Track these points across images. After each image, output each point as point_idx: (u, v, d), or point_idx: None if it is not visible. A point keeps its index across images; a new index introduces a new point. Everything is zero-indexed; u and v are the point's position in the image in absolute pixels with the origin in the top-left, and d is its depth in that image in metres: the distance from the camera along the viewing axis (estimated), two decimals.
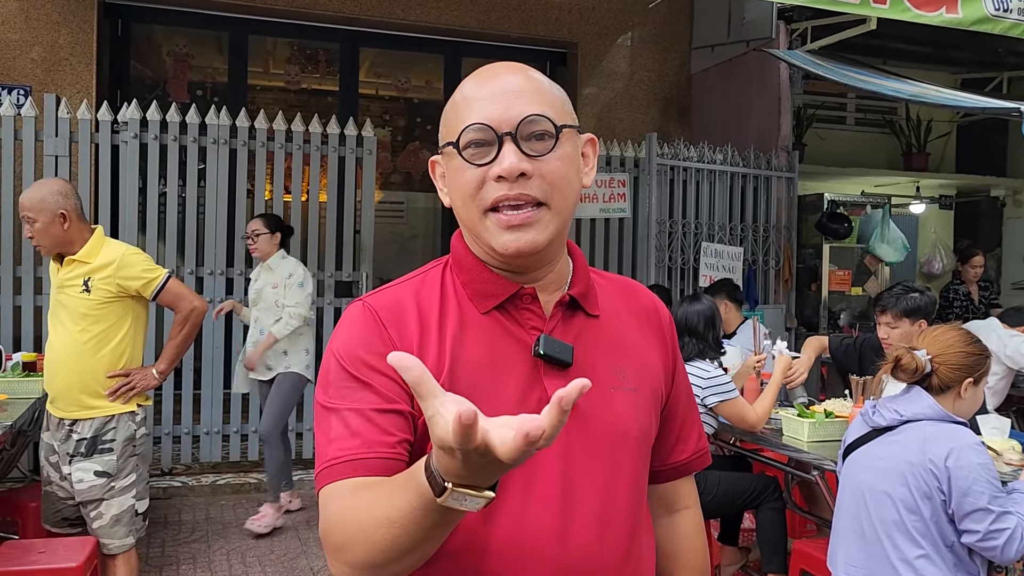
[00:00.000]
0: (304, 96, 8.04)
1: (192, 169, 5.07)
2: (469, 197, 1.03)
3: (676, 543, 1.26)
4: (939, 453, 2.18)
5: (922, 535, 2.19)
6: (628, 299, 1.20)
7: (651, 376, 1.15)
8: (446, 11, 6.74)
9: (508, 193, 1.01)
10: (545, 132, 1.03)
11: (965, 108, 6.41)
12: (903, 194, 7.85)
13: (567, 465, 1.04)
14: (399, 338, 1.03)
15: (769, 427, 3.49)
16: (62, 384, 2.93)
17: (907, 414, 2.30)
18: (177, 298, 3.10)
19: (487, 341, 1.06)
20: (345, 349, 1.04)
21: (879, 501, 2.28)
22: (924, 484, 2.19)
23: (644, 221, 5.96)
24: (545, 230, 1.03)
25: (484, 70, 1.08)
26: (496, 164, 1.01)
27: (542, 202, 1.02)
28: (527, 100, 1.03)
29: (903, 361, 2.31)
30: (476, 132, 1.02)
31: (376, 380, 1.01)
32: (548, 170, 1.03)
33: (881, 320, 3.58)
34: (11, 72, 5.75)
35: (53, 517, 3.02)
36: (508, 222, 1.01)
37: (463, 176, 1.03)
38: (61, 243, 2.93)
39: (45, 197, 2.91)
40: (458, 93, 1.07)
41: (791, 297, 6.47)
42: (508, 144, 1.01)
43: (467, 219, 1.06)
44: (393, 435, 0.98)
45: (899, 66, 6.86)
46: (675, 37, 7.36)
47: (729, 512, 3.65)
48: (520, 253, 1.03)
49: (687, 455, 1.25)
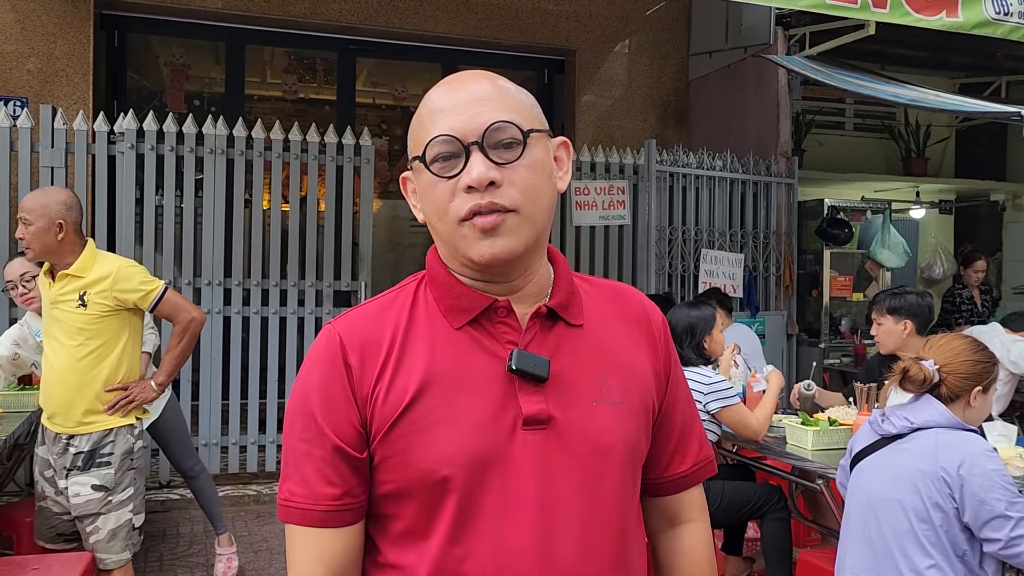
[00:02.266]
0: (302, 105, 8.03)
1: (189, 179, 5.04)
2: (442, 211, 1.02)
3: (679, 559, 1.21)
4: (952, 461, 2.15)
5: (932, 544, 2.15)
6: (617, 305, 1.16)
7: (640, 385, 1.11)
8: (443, 19, 6.73)
9: (480, 203, 0.99)
10: (512, 139, 1.01)
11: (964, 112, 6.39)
12: (903, 199, 7.83)
13: (544, 484, 1.01)
14: (360, 366, 1.03)
15: (772, 435, 3.46)
16: (60, 399, 2.90)
17: (917, 421, 2.27)
18: (175, 309, 3.07)
19: (460, 357, 1.03)
20: (305, 390, 1.05)
21: (889, 510, 2.24)
22: (936, 493, 2.15)
23: (644, 228, 5.93)
24: (520, 236, 1.01)
25: (449, 80, 1.06)
26: (464, 174, 0.99)
27: (512, 209, 1.00)
28: (493, 107, 1.01)
29: (911, 372, 2.28)
30: (442, 144, 1.00)
31: (330, 425, 1.02)
32: (518, 178, 1.01)
33: (872, 316, 3.64)
34: (7, 84, 5.73)
35: (47, 533, 2.99)
36: (483, 224, 0.99)
37: (433, 191, 1.02)
38: (51, 252, 2.91)
39: (48, 204, 2.89)
40: (423, 106, 1.05)
41: (792, 303, 6.44)
42: (476, 154, 0.99)
43: (443, 233, 1.04)
44: (338, 487, 1.02)
45: (898, 71, 6.85)
46: (673, 44, 7.35)
47: (733, 521, 3.61)
48: (496, 260, 1.01)
49: (687, 466, 1.20)
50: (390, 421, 1.00)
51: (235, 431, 5.21)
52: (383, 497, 1.03)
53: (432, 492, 0.99)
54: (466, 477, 0.98)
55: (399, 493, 1.01)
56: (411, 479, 1.00)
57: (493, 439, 1.00)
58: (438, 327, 1.05)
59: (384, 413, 1.00)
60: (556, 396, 1.03)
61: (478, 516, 0.99)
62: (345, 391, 1.02)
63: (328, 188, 5.37)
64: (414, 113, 1.09)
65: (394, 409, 1.00)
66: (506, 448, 1.00)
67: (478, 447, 0.99)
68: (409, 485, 1.00)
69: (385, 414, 1.00)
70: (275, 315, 5.22)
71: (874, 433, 2.41)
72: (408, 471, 0.99)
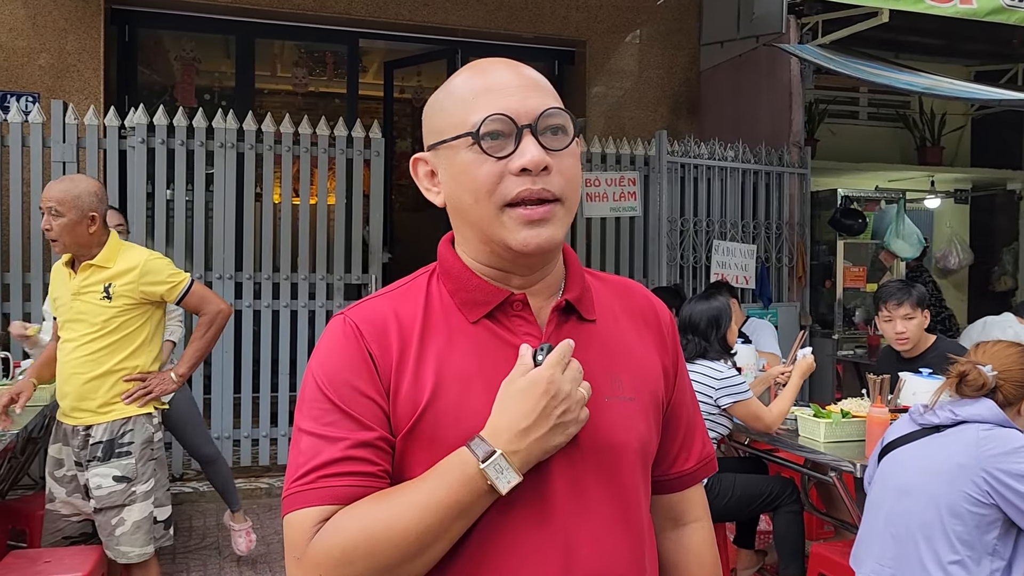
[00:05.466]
0: (312, 99, 8.04)
1: (200, 173, 5.05)
2: (485, 193, 0.98)
3: (684, 559, 1.18)
4: (994, 458, 2.10)
5: (961, 540, 2.11)
6: (625, 301, 1.15)
7: (650, 382, 1.10)
8: (453, 11, 6.70)
9: (532, 187, 0.97)
10: (562, 126, 1.00)
11: (980, 100, 6.32)
12: (918, 188, 7.75)
13: (559, 479, 0.99)
14: (381, 355, 1.00)
15: (785, 428, 3.43)
16: (77, 391, 2.87)
17: (963, 415, 2.22)
18: (202, 301, 3.05)
19: (477, 351, 1.01)
20: (325, 371, 1.00)
21: (919, 500, 2.20)
22: (973, 489, 2.11)
23: (655, 219, 5.90)
24: (561, 227, 1.00)
25: (479, 64, 1.04)
26: (517, 156, 0.97)
27: (559, 198, 0.99)
28: (540, 94, 1.00)
29: (970, 376, 2.23)
30: (496, 123, 0.97)
31: (355, 405, 0.98)
32: (565, 166, 1.00)
33: (896, 314, 3.50)
34: (19, 79, 5.75)
35: (53, 537, 2.93)
36: (529, 216, 0.97)
37: (478, 170, 0.98)
38: (80, 245, 2.87)
39: (81, 195, 2.83)
40: (456, 86, 1.03)
41: (805, 294, 6.39)
42: (528, 136, 0.97)
43: (479, 217, 1.00)
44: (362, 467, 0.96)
45: (912, 59, 6.77)
46: (684, 34, 7.30)
47: (745, 515, 3.59)
48: (540, 249, 0.99)
49: (692, 463, 1.18)
50: (413, 417, 0.98)
51: (247, 424, 5.23)
52: None
53: None
54: None
55: None
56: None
57: None
58: (454, 321, 1.03)
59: (406, 408, 0.98)
60: None
61: (493, 513, 0.97)
62: (372, 377, 0.98)
63: (338, 181, 5.37)
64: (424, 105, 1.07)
65: (416, 405, 0.98)
66: None
67: None
68: None
69: (407, 409, 0.98)
70: (286, 308, 5.23)
71: (913, 423, 2.36)
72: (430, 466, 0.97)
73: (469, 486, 0.92)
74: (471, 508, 0.93)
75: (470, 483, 0.92)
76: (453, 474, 0.93)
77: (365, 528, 0.92)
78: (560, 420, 0.95)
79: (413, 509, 0.92)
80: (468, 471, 0.92)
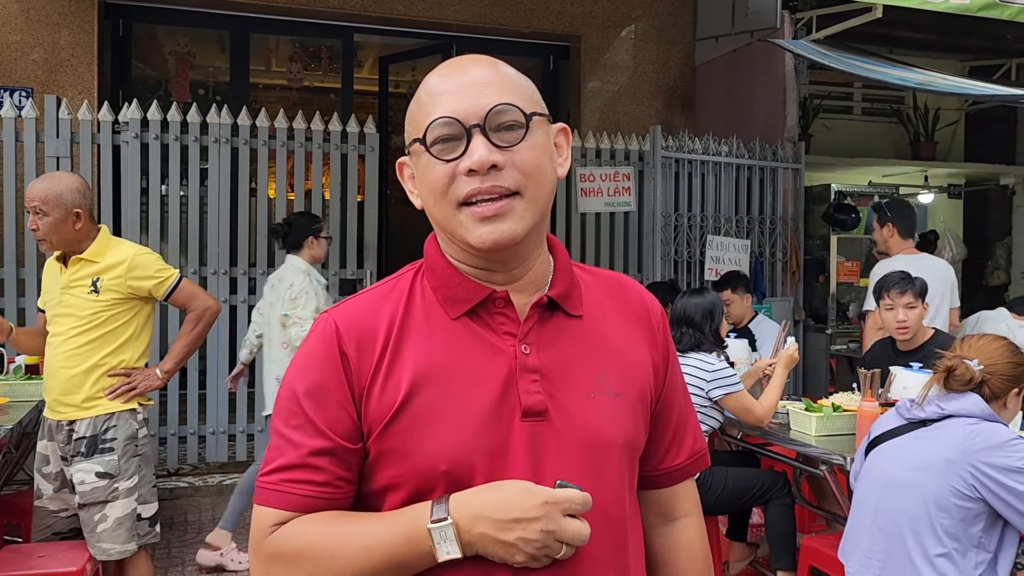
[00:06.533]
0: (307, 94, 8.03)
1: (194, 168, 5.05)
2: (440, 194, 1.00)
3: (675, 554, 1.19)
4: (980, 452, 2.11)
5: (948, 534, 2.13)
6: (616, 296, 1.15)
7: (638, 378, 1.10)
8: (448, 6, 6.70)
9: (480, 186, 0.98)
10: (515, 122, 1.00)
11: (973, 96, 6.34)
12: (911, 184, 7.78)
13: (542, 476, 0.99)
14: (357, 355, 1.02)
15: (776, 421, 3.45)
16: (63, 384, 2.87)
17: (949, 409, 2.23)
18: (190, 298, 3.05)
19: (457, 348, 1.02)
20: (298, 372, 1.04)
21: (906, 494, 2.22)
22: (960, 483, 2.12)
23: (649, 215, 5.91)
24: (522, 220, 1.00)
25: (449, 63, 1.05)
26: (466, 157, 0.98)
27: (515, 191, 0.99)
28: (494, 91, 1.00)
29: (958, 371, 2.24)
30: (443, 127, 0.99)
31: (320, 411, 1.01)
32: (520, 159, 1.00)
33: (899, 302, 3.49)
34: (12, 74, 5.74)
35: (43, 533, 2.93)
36: (482, 213, 0.98)
37: (432, 173, 1.00)
38: (68, 242, 2.87)
39: (63, 193, 2.83)
40: (422, 89, 1.04)
41: (799, 289, 6.41)
42: (477, 136, 0.98)
43: (440, 218, 1.02)
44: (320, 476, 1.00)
45: (906, 54, 6.79)
46: (679, 29, 7.30)
47: (737, 508, 3.62)
48: (498, 245, 0.99)
49: (683, 458, 1.19)
50: (388, 415, 0.99)
51: (242, 419, 5.23)
52: (377, 491, 1.02)
53: (429, 484, 0.98)
54: (466, 470, 0.97)
55: (394, 486, 1.00)
56: (409, 472, 0.99)
57: (493, 431, 0.99)
58: (435, 317, 1.04)
59: (380, 408, 0.99)
60: (554, 388, 1.02)
61: None
62: (341, 382, 1.00)
63: (333, 176, 5.37)
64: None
65: (391, 403, 0.99)
66: (505, 440, 0.99)
67: (479, 440, 0.98)
68: (406, 478, 0.99)
69: (382, 408, 0.99)
70: None
71: (899, 418, 2.37)
72: (407, 465, 0.98)
73: (412, 541, 0.94)
74: (409, 562, 0.95)
75: (414, 538, 0.94)
76: (403, 523, 0.95)
77: (311, 546, 0.97)
78: (522, 541, 0.92)
79: (356, 544, 0.96)
80: (417, 525, 0.94)
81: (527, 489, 0.94)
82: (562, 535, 0.93)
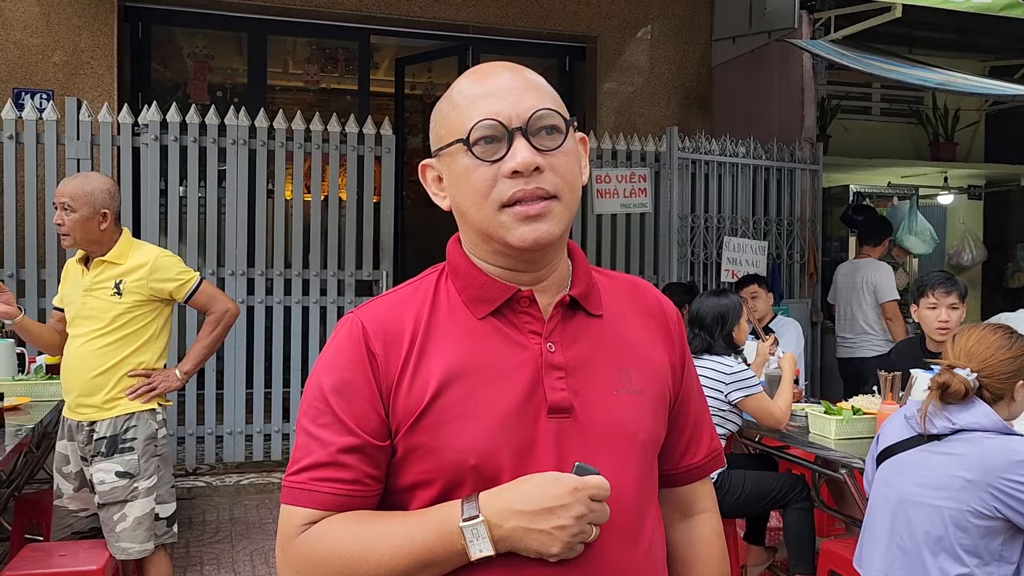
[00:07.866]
0: (324, 95, 8.05)
1: (212, 170, 5.08)
2: (482, 196, 1.01)
3: (693, 549, 1.21)
4: (1002, 471, 2.05)
5: (968, 552, 2.08)
6: (633, 298, 1.17)
7: (658, 377, 1.12)
8: (464, 8, 6.71)
9: (525, 188, 0.99)
10: (555, 126, 1.02)
11: (994, 96, 6.28)
12: (931, 185, 7.71)
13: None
14: (384, 354, 1.02)
15: (795, 424, 3.43)
16: (82, 386, 2.90)
17: (960, 423, 2.13)
18: (211, 300, 3.08)
19: (484, 348, 1.04)
20: (326, 371, 1.05)
21: (923, 513, 2.15)
22: (979, 504, 2.06)
23: (666, 216, 5.89)
24: (559, 223, 1.02)
25: (480, 68, 1.07)
26: (509, 159, 0.99)
27: (554, 195, 1.01)
28: (533, 95, 1.02)
29: (952, 388, 2.13)
30: (486, 128, 1.00)
31: (349, 409, 1.01)
32: (559, 164, 1.02)
33: (944, 302, 3.36)
34: (33, 77, 5.80)
35: (62, 532, 2.98)
36: (525, 212, 1.00)
37: (473, 175, 1.01)
38: (92, 241, 2.90)
39: (94, 192, 2.87)
40: (455, 92, 1.06)
41: (816, 291, 6.37)
42: (519, 139, 1.00)
43: (480, 220, 1.03)
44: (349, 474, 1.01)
45: (925, 54, 6.74)
46: (695, 29, 7.28)
47: (755, 511, 3.59)
48: (538, 244, 1.01)
49: (700, 457, 1.21)
50: (416, 413, 1.00)
51: (259, 420, 5.26)
52: (404, 488, 1.03)
53: (458, 480, 0.99)
54: (493, 464, 0.99)
55: (423, 482, 1.01)
56: (438, 468, 1.00)
57: (520, 427, 1.01)
58: (460, 318, 1.05)
59: (409, 405, 1.01)
60: (579, 385, 1.04)
61: None
62: (368, 379, 1.01)
63: (349, 178, 5.39)
64: (435, 102, 1.09)
65: (419, 401, 1.00)
66: (532, 436, 1.01)
67: (506, 435, 1.00)
68: (435, 474, 1.00)
69: (410, 406, 1.00)
70: (298, 304, 5.26)
71: (909, 428, 2.28)
72: (436, 460, 1.00)
73: (444, 539, 0.95)
74: (441, 561, 0.95)
75: (446, 537, 0.95)
76: (434, 522, 0.96)
77: (342, 547, 0.97)
78: (558, 529, 0.93)
79: (388, 544, 0.96)
80: (449, 524, 0.95)
81: (555, 478, 0.95)
82: (595, 518, 0.95)
